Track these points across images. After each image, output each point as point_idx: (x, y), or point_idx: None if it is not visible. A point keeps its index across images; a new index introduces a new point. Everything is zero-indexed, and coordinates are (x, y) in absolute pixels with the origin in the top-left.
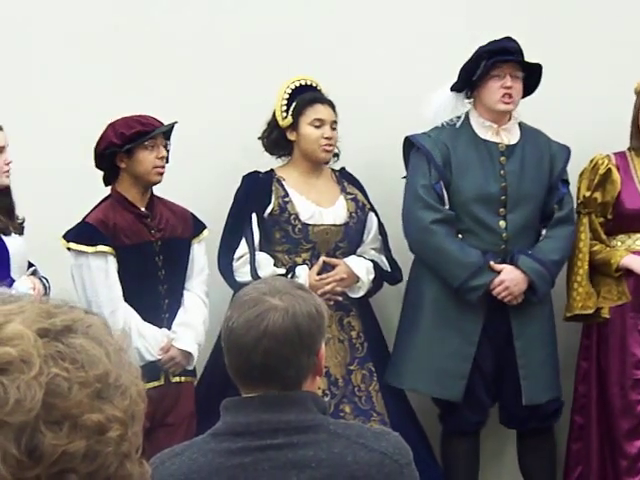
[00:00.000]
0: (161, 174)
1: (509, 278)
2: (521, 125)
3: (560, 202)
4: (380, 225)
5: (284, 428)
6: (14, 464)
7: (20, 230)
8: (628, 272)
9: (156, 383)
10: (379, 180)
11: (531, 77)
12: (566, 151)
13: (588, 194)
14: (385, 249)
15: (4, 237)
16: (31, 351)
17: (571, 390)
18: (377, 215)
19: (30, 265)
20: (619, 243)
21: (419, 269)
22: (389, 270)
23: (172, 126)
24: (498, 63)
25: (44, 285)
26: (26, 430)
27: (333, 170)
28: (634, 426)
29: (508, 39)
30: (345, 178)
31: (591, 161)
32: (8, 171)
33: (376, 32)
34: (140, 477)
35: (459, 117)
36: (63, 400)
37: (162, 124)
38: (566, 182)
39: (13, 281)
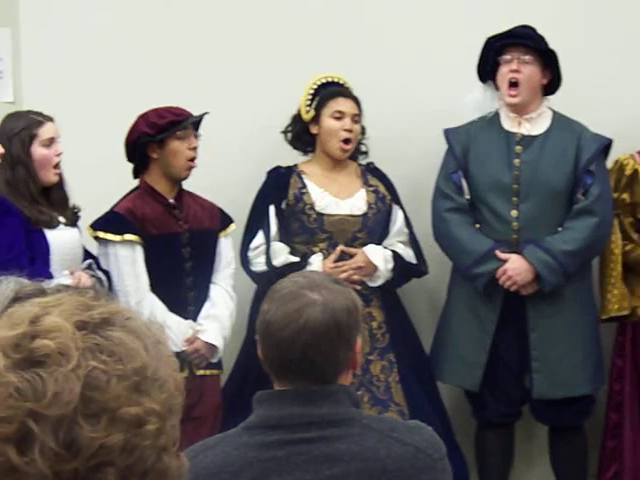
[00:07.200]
0: (191, 168)
1: (512, 267)
2: (555, 115)
3: (585, 194)
4: (406, 218)
5: (317, 422)
6: (52, 457)
7: (72, 221)
8: None
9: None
10: (410, 175)
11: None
12: (598, 142)
13: (615, 195)
14: (412, 242)
15: (47, 231)
16: (69, 344)
17: (606, 388)
18: (403, 208)
19: (88, 258)
20: None
21: None
22: (414, 263)
23: (203, 116)
24: (507, 47)
25: (99, 279)
26: (64, 423)
27: (360, 165)
28: None
29: (523, 27)
30: (370, 172)
31: (615, 162)
32: (58, 164)
33: (410, 29)
34: (177, 470)
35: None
36: (101, 393)
37: (192, 115)
38: (592, 173)
39: (52, 277)
